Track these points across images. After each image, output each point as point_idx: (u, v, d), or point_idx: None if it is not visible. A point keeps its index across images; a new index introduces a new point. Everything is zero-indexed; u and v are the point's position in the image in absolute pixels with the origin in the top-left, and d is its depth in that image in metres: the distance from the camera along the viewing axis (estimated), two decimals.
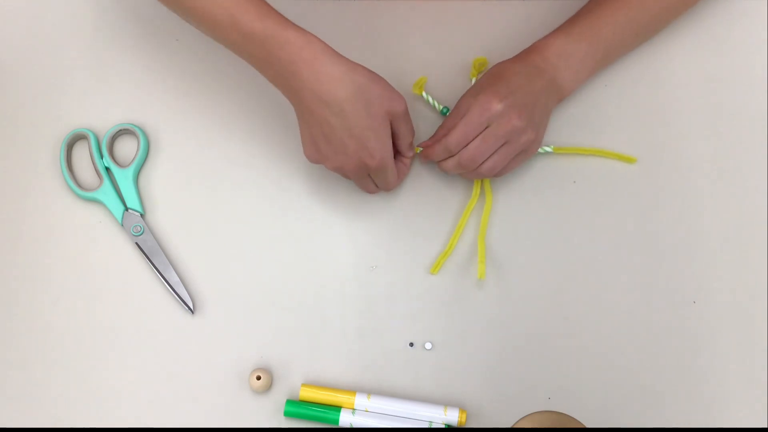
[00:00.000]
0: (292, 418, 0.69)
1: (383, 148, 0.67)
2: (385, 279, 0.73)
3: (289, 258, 0.74)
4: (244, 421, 0.69)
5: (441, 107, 0.77)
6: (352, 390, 0.69)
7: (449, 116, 0.72)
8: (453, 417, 0.68)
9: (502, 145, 0.69)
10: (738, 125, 0.78)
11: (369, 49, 0.80)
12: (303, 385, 0.69)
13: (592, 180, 0.76)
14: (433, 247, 0.74)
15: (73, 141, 0.77)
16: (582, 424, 0.61)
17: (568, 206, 0.75)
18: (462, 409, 0.68)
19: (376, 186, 0.72)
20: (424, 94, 0.78)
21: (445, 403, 0.69)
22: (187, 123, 0.78)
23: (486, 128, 0.69)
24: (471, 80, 0.78)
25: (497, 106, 0.68)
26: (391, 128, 0.69)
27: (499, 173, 0.72)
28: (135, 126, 0.77)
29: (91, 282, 0.73)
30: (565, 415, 0.62)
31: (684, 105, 0.78)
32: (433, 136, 0.73)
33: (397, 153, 0.73)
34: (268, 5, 0.66)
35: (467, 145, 0.70)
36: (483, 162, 0.70)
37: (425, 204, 0.76)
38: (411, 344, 0.71)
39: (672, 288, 0.73)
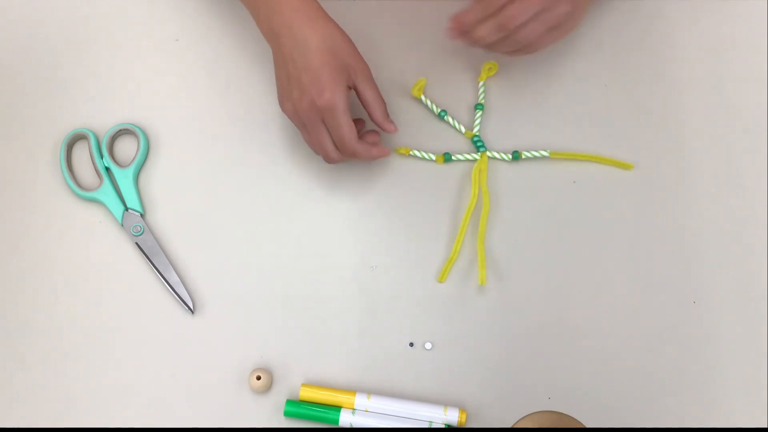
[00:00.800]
0: (292, 418, 0.69)
1: (335, 89, 0.67)
2: (386, 279, 0.73)
3: (290, 258, 0.74)
4: (244, 421, 0.69)
5: (438, 110, 0.77)
6: (352, 390, 0.69)
7: None
8: (453, 417, 0.68)
9: (540, 12, 0.68)
10: (738, 125, 0.78)
11: (368, 50, 0.79)
12: (303, 385, 0.69)
13: (592, 181, 0.76)
14: (434, 248, 0.74)
15: (73, 141, 0.77)
16: (582, 424, 0.61)
17: (568, 207, 0.75)
18: (462, 409, 0.68)
19: (335, 148, 0.71)
20: (422, 97, 0.78)
21: (445, 403, 0.69)
22: (187, 123, 0.78)
23: None
24: (478, 83, 0.78)
25: None
26: (357, 91, 0.71)
27: (531, 46, 0.70)
28: (135, 126, 0.77)
29: (92, 282, 0.73)
30: (565, 415, 0.61)
31: (684, 105, 0.78)
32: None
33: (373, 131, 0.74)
34: None
35: (505, 6, 0.68)
36: (520, 27, 0.68)
37: (424, 204, 0.75)
38: (411, 344, 0.71)
39: (672, 288, 0.73)
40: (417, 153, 0.76)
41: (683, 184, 0.76)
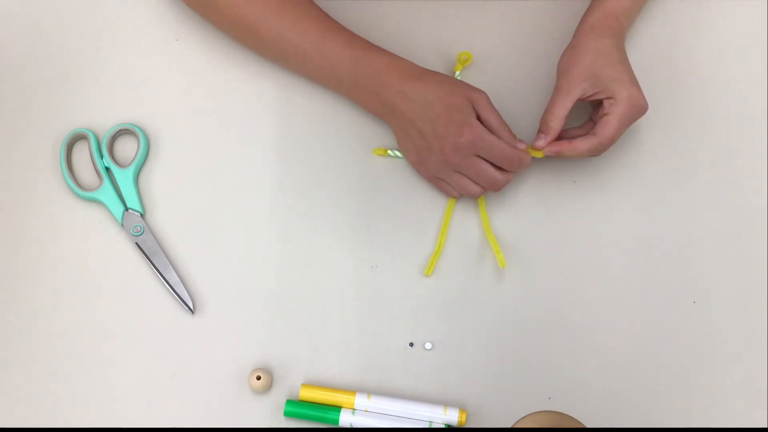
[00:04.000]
0: (292, 418, 0.69)
1: (471, 122, 0.69)
2: (385, 279, 0.73)
3: (289, 258, 0.74)
4: (244, 421, 0.69)
5: None
6: (352, 390, 0.69)
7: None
8: (453, 417, 0.68)
9: None
10: (738, 125, 0.78)
11: None
12: (303, 385, 0.69)
13: (592, 179, 0.76)
14: (434, 246, 0.74)
15: (73, 141, 0.77)
16: (582, 424, 0.61)
17: (568, 206, 0.75)
18: (462, 409, 0.68)
19: (497, 170, 0.71)
20: None
21: (445, 403, 0.69)
22: (187, 123, 0.78)
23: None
24: (455, 73, 0.78)
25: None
26: (481, 120, 0.70)
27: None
28: (135, 126, 0.77)
29: (91, 282, 0.73)
30: (565, 415, 0.62)
31: (683, 104, 0.78)
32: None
33: None
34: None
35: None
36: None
37: (424, 203, 0.76)
38: (411, 344, 0.71)
39: (672, 288, 0.73)
40: (393, 153, 0.76)
41: (683, 183, 0.76)
